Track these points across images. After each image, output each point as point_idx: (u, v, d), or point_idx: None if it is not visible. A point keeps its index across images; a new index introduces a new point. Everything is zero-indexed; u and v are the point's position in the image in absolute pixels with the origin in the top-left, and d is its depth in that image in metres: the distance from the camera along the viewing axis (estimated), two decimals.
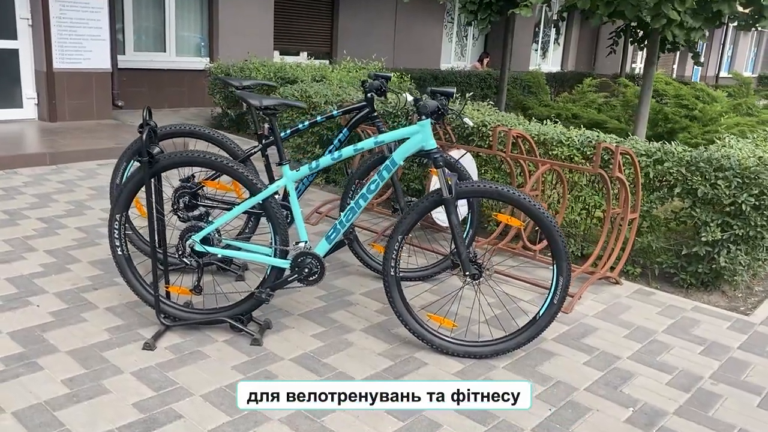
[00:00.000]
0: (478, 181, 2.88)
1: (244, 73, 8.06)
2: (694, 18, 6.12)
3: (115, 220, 3.00)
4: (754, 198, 3.74)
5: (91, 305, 3.30)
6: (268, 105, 2.85)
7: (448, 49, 15.76)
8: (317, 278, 2.97)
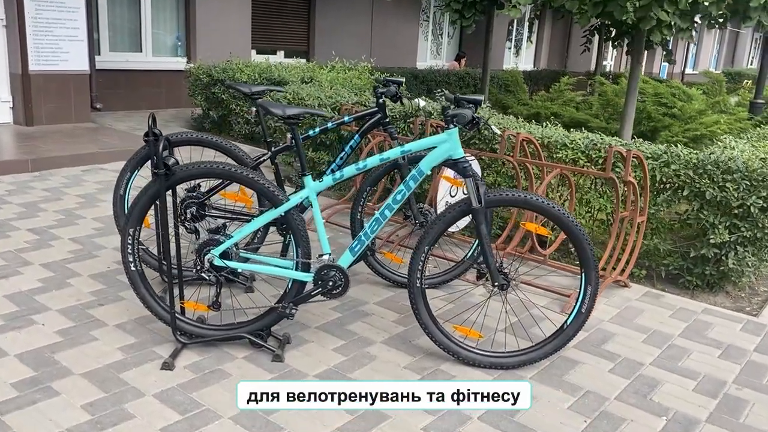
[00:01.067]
0: (507, 190, 2.83)
1: (227, 74, 7.89)
2: (682, 19, 6.18)
3: (129, 235, 2.87)
4: (762, 200, 3.77)
5: (99, 322, 3.16)
6: (292, 114, 2.76)
7: (425, 48, 15.74)
8: (341, 291, 2.89)
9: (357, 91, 6.21)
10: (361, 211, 3.71)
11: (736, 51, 29.08)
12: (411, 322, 3.37)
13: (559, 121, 9.30)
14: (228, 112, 8.06)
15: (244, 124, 7.85)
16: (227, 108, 8.01)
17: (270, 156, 3.61)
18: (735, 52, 29.07)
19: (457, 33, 16.62)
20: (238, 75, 7.66)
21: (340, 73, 7.20)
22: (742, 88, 13.95)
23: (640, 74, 7.28)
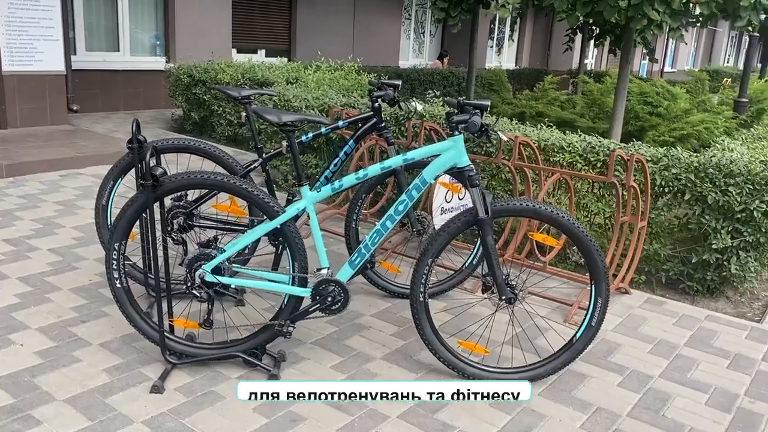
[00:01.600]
0: (513, 199, 2.70)
1: (209, 74, 7.69)
2: (673, 18, 6.12)
3: (114, 250, 2.70)
4: (765, 204, 3.70)
5: (82, 341, 2.98)
6: (288, 121, 2.60)
7: (407, 46, 15.61)
8: (340, 307, 2.75)
9: (345, 93, 6.05)
10: (356, 219, 3.56)
11: (713, 49, 29.37)
12: (410, 335, 3.24)
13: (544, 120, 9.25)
14: (210, 114, 7.86)
15: (227, 126, 7.65)
16: (209, 109, 7.81)
17: (261, 163, 3.44)
18: (712, 50, 29.37)
19: (439, 31, 16.52)
20: (221, 75, 7.46)
21: (326, 73, 7.03)
22: (722, 86, 14.01)
23: (629, 73, 7.22)
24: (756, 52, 9.88)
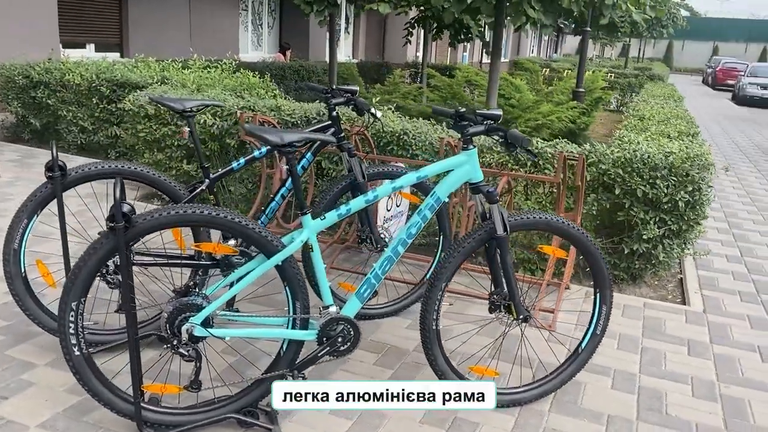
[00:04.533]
0: (526, 213, 2.56)
1: (53, 75, 6.68)
2: (546, 16, 6.39)
3: (71, 310, 2.14)
4: (688, 195, 3.94)
5: (14, 426, 2.36)
6: (292, 141, 2.20)
7: (246, 39, 14.94)
8: (350, 347, 2.43)
9: (237, 94, 5.53)
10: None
11: (520, 41, 31.80)
12: (393, 361, 3.02)
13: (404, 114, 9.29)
14: (55, 119, 6.85)
15: (80, 134, 6.71)
16: (54, 114, 6.80)
17: (208, 185, 2.96)
18: (519, 41, 31.78)
19: (276, 23, 16.03)
20: (69, 76, 6.50)
21: (198, 71, 6.39)
22: (557, 78, 15.11)
23: (499, 67, 7.45)
24: (586, 46, 10.77)
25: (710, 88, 32.29)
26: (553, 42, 43.19)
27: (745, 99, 23.59)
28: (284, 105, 4.82)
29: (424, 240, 4.45)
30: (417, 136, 4.40)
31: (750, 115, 19.21)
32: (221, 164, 5.18)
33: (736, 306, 4.06)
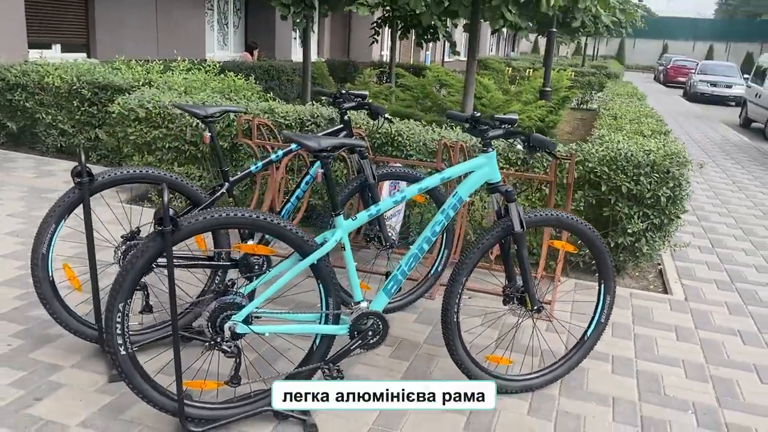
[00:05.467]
0: (538, 210, 2.73)
1: (30, 77, 6.59)
2: (521, 18, 6.61)
3: (118, 311, 2.22)
4: (669, 190, 4.19)
5: (53, 426, 2.42)
6: (327, 146, 2.31)
7: (212, 38, 14.85)
8: (380, 339, 2.57)
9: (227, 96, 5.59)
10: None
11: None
12: (406, 354, 3.16)
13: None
14: (33, 123, 6.76)
15: (59, 137, 6.65)
16: (32, 118, 6.72)
17: (228, 188, 3.05)
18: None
19: (242, 23, 15.98)
20: (49, 79, 6.43)
21: (182, 73, 6.39)
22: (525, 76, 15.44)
23: (475, 67, 7.65)
24: (553, 47, 11.10)
25: (662, 86, 33.31)
26: (510, 41, 43.88)
27: (696, 96, 24.45)
28: (277, 107, 4.91)
29: None
30: (411, 137, 4.54)
31: (702, 111, 19.95)
32: (212, 166, 5.24)
33: (714, 294, 4.33)
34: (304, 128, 4.79)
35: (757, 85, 15.69)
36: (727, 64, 27.41)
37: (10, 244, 4.20)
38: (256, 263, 3.04)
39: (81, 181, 2.66)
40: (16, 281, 3.65)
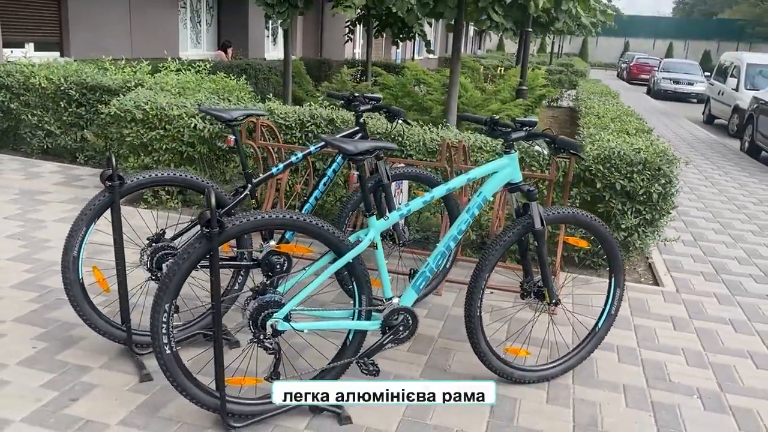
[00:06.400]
0: (559, 208, 2.86)
1: (15, 78, 6.50)
2: (506, 19, 6.78)
3: (164, 311, 2.28)
4: (661, 187, 4.38)
5: (92, 425, 2.46)
6: (363, 150, 2.40)
7: (185, 37, 14.72)
8: (409, 334, 2.67)
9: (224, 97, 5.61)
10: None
11: (448, 38, 32.50)
12: (423, 348, 3.28)
13: None
14: (17, 124, 6.67)
15: (45, 138, 6.58)
16: (16, 119, 6.63)
17: (250, 189, 3.11)
18: (448, 38, 32.48)
19: (215, 20, 15.87)
20: (34, 80, 6.35)
21: (172, 73, 6.37)
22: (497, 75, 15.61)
23: (459, 66, 7.78)
24: (528, 46, 11.32)
25: (626, 83, 34.04)
26: (476, 39, 44.28)
27: (659, 93, 25.09)
28: (277, 108, 4.96)
29: (418, 235, 4.71)
30: (410, 137, 4.65)
31: (667, 108, 20.49)
32: (208, 167, 5.28)
33: (703, 285, 4.54)
34: (304, 129, 4.86)
35: (719, 82, 16.22)
36: (688, 62, 28.17)
37: (14, 247, 4.18)
38: (277, 263, 3.11)
39: (112, 184, 2.70)
40: (27, 284, 3.65)
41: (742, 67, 15.01)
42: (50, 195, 5.34)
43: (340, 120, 4.78)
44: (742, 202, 7.31)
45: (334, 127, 4.79)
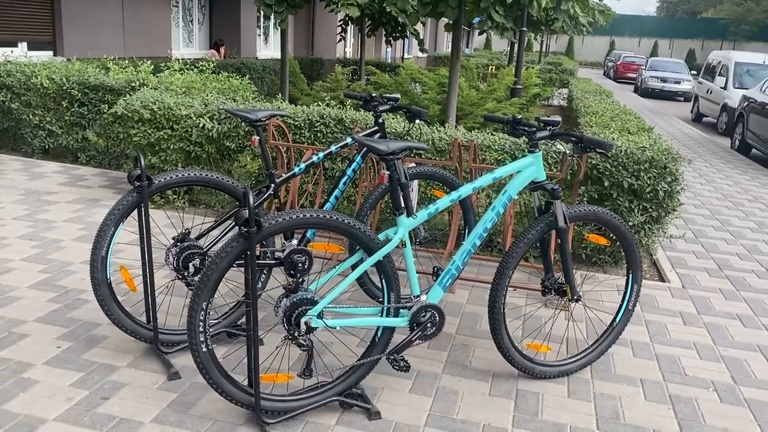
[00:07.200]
0: (576, 206, 2.92)
1: (16, 77, 6.47)
2: (506, 19, 6.84)
3: (201, 309, 2.31)
4: (667, 185, 4.46)
5: (129, 424, 2.49)
6: (395, 150, 2.44)
7: (177, 35, 14.67)
8: (437, 330, 2.71)
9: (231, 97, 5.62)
10: None
11: (437, 37, 32.61)
12: (443, 344, 3.33)
13: None
14: (17, 124, 6.64)
15: (47, 138, 6.55)
16: (16, 119, 6.60)
17: (274, 189, 3.14)
18: (436, 37, 32.59)
19: (206, 19, 15.82)
20: (35, 80, 6.33)
21: (176, 74, 6.36)
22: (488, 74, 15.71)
23: (459, 66, 7.84)
24: (523, 46, 11.39)
25: (613, 81, 34.33)
26: (465, 37, 44.39)
27: (647, 91, 25.34)
28: (285, 108, 4.99)
29: (427, 234, 4.76)
30: (418, 137, 4.69)
31: (655, 106, 20.70)
32: (215, 167, 5.29)
33: (707, 281, 4.63)
34: (313, 129, 4.89)
35: (708, 81, 16.42)
36: (675, 61, 28.44)
37: (27, 248, 4.18)
38: (299, 261, 3.13)
39: (141, 185, 2.72)
40: (44, 285, 3.66)
41: (731, 66, 15.20)
42: (56, 195, 5.33)
43: (349, 120, 4.82)
44: (738, 200, 7.43)
45: (343, 126, 4.83)
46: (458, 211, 4.12)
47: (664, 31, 56.02)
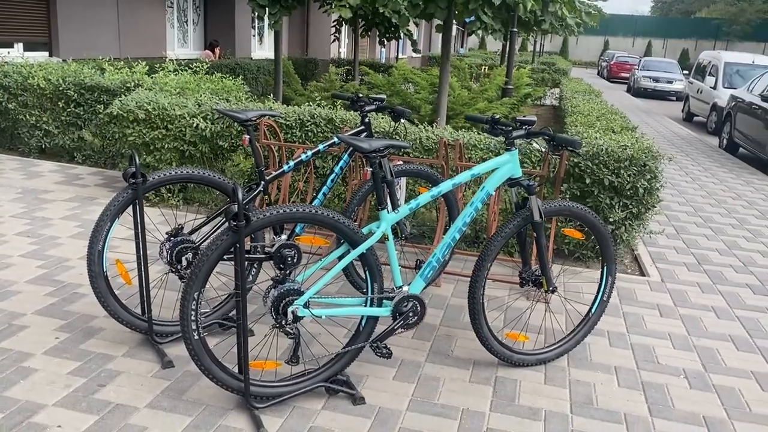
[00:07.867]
0: (552, 202, 3.05)
1: (13, 78, 6.58)
2: (494, 21, 6.98)
3: (193, 299, 2.44)
4: (647, 182, 4.60)
5: (125, 408, 2.62)
6: (378, 148, 2.58)
7: (172, 36, 14.78)
8: (418, 320, 2.85)
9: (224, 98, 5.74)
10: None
11: (431, 37, 32.75)
12: (427, 335, 3.46)
13: None
14: (14, 124, 6.76)
15: (43, 137, 6.67)
16: (13, 119, 6.71)
17: (264, 186, 3.27)
18: (430, 38, 32.73)
19: (201, 19, 15.93)
20: (32, 81, 6.44)
21: (170, 75, 6.48)
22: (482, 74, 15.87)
23: (449, 67, 7.98)
24: (514, 46, 11.54)
25: (606, 81, 34.53)
26: (459, 37, 44.54)
27: (640, 91, 25.54)
28: (277, 108, 5.12)
29: (414, 230, 4.90)
30: (407, 135, 4.83)
31: (647, 105, 20.88)
32: (209, 165, 5.42)
33: (686, 275, 4.78)
34: (304, 128, 5.02)
35: (698, 81, 16.60)
36: (667, 61, 28.63)
37: (25, 245, 4.30)
38: (288, 255, 3.27)
39: (136, 182, 2.84)
40: (42, 279, 3.78)
41: (720, 65, 15.38)
42: (53, 194, 5.46)
43: (338, 119, 4.95)
44: (721, 197, 7.59)
45: (333, 126, 4.96)
46: (444, 207, 4.26)
47: (658, 30, 56.28)
